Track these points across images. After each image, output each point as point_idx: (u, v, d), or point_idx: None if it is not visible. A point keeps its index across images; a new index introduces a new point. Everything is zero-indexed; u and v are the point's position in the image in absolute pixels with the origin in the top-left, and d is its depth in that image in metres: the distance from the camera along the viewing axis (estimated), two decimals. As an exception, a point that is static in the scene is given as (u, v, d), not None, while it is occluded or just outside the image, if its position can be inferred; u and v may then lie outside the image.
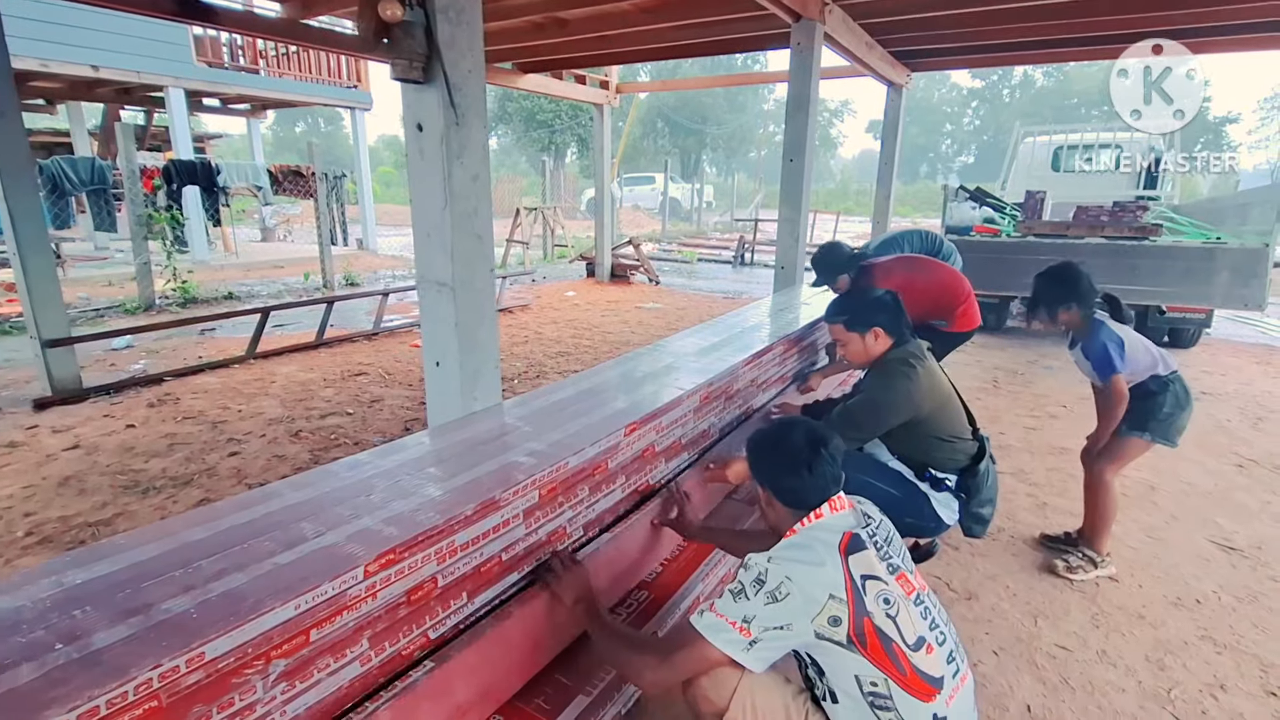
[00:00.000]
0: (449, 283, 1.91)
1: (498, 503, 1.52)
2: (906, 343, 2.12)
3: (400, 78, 1.73)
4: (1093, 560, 2.46)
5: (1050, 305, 2.48)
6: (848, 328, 2.14)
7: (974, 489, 2.08)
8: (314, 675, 1.16)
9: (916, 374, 2.02)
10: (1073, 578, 2.41)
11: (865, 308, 2.12)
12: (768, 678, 1.29)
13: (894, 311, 2.13)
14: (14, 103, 3.79)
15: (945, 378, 2.15)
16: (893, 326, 2.11)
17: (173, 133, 9.31)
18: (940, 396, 2.07)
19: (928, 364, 2.09)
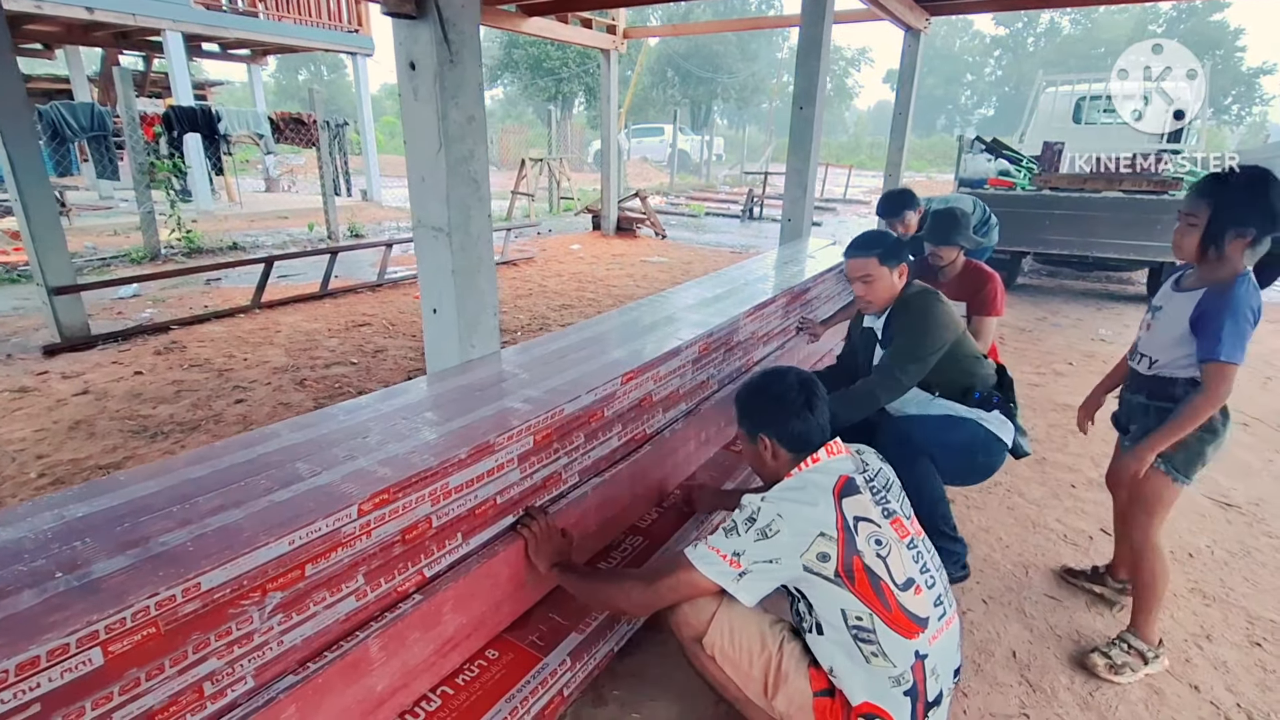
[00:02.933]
0: (444, 228, 1.88)
1: (492, 447, 1.53)
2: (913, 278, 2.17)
3: (391, 12, 1.67)
4: (1142, 654, 1.82)
5: (1239, 222, 1.56)
6: (881, 261, 2.07)
7: (1014, 401, 2.15)
8: (310, 608, 1.19)
9: (941, 298, 2.08)
10: (1118, 680, 1.79)
11: (896, 244, 2.10)
12: (745, 606, 1.31)
13: (899, 249, 2.14)
14: (8, 45, 3.71)
15: None
16: (910, 265, 2.15)
17: (172, 79, 9.12)
18: (957, 322, 2.12)
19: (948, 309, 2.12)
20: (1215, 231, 1.59)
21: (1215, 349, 1.56)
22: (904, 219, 3.43)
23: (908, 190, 3.53)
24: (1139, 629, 1.85)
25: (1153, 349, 1.76)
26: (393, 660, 1.32)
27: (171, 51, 8.87)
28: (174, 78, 9.08)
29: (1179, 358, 1.68)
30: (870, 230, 2.20)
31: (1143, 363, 1.79)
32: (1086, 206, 5.09)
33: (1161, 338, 1.73)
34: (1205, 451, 1.70)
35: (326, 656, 1.21)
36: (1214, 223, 1.59)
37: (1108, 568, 2.16)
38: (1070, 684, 1.78)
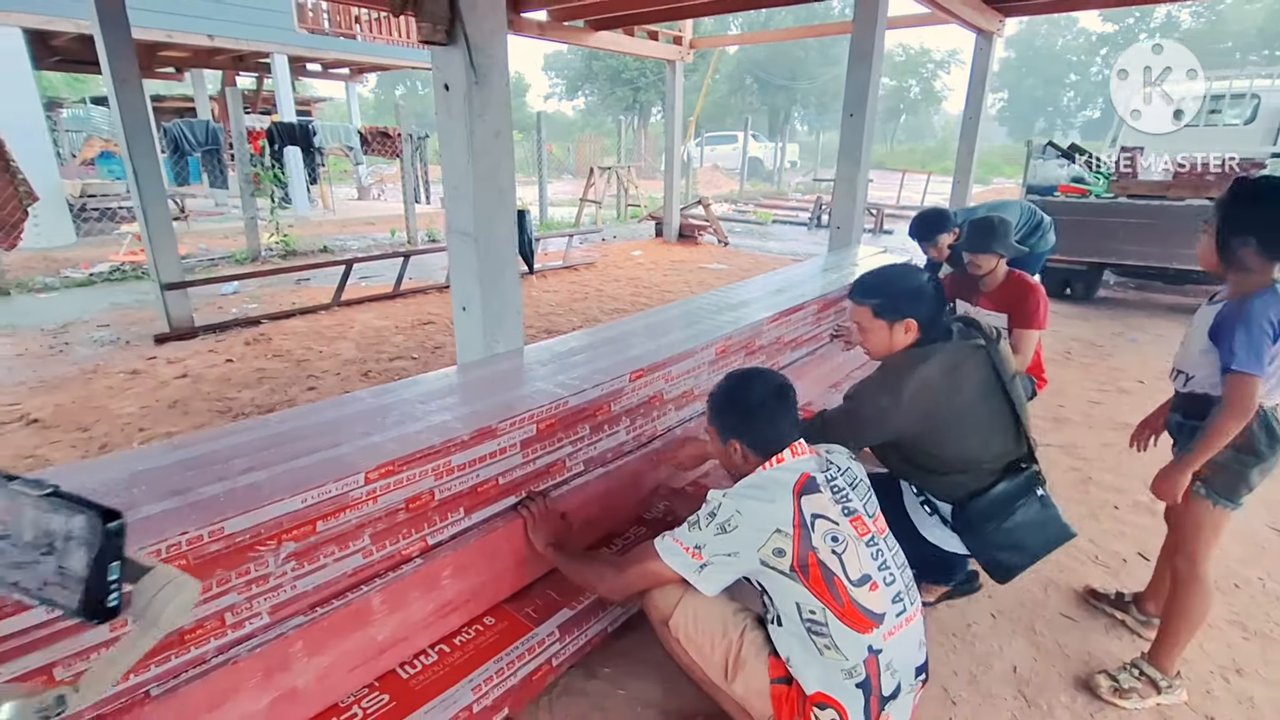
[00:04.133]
0: (472, 233, 2.06)
1: (494, 431, 1.68)
2: (935, 340, 1.73)
3: (426, 40, 1.86)
4: (1154, 683, 1.72)
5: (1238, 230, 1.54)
6: (877, 313, 1.74)
7: (972, 522, 1.72)
8: (320, 560, 1.37)
9: (912, 384, 1.66)
10: (1121, 704, 1.71)
11: (906, 294, 1.72)
12: (712, 596, 1.39)
13: (935, 303, 1.74)
14: (135, 73, 4.25)
15: (987, 387, 1.75)
16: (928, 321, 1.72)
17: (277, 96, 10.03)
18: (950, 413, 1.69)
19: (950, 373, 1.70)
20: (1220, 239, 1.55)
21: (1229, 359, 1.52)
22: (936, 242, 3.36)
23: (943, 211, 3.45)
24: (1157, 659, 1.75)
25: (1185, 364, 1.70)
26: (394, 615, 1.49)
27: (277, 72, 9.75)
28: (279, 96, 9.98)
29: (1210, 374, 1.62)
30: (884, 268, 1.83)
31: (1179, 379, 1.73)
32: (1166, 215, 4.75)
33: (1190, 350, 1.69)
34: (1249, 474, 1.59)
35: (333, 604, 1.39)
36: (1219, 230, 1.56)
37: (1135, 597, 2.05)
38: (1071, 703, 1.74)
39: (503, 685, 1.54)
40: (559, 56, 39.27)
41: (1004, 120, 46.38)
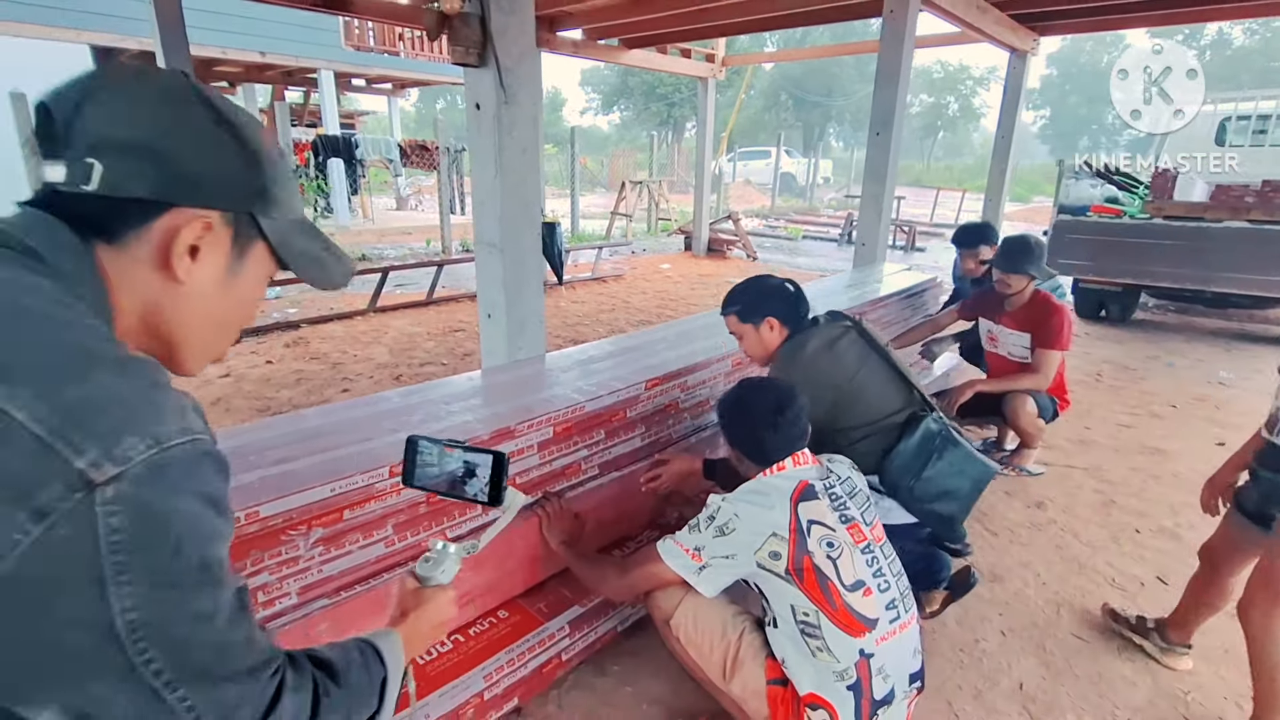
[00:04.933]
0: (498, 244, 2.17)
1: (512, 432, 1.77)
2: (803, 330, 1.92)
3: (459, 62, 1.99)
4: None
5: None
6: (740, 319, 1.95)
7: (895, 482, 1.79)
8: (346, 546, 1.47)
9: (800, 367, 1.83)
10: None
11: (758, 295, 1.94)
12: (712, 598, 1.44)
13: (790, 298, 1.93)
14: (192, 87, 4.52)
15: (863, 351, 1.93)
16: (789, 314, 1.91)
17: (323, 110, 10.45)
18: (842, 380, 1.85)
19: (828, 349, 1.88)
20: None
21: None
22: (977, 251, 3.41)
23: (988, 224, 3.51)
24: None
25: None
26: (412, 603, 1.58)
27: (324, 87, 10.17)
28: (324, 109, 10.40)
29: None
30: (745, 280, 2.02)
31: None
32: (1203, 237, 4.65)
33: None
34: None
35: (356, 589, 1.48)
36: None
37: (1158, 623, 1.98)
38: (1076, 722, 1.74)
39: (513, 675, 1.62)
40: (595, 72, 39.93)
41: (1045, 138, 45.56)
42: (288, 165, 0.64)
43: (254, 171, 0.59)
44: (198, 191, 0.55)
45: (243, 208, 0.59)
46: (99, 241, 0.53)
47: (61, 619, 0.42)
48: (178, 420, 0.47)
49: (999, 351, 3.15)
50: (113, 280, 0.54)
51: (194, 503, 0.47)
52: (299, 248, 0.65)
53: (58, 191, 0.51)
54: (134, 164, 0.52)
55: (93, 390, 0.44)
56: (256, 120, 0.62)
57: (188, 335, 0.60)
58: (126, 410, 0.45)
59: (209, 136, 0.56)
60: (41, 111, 0.53)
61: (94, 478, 0.42)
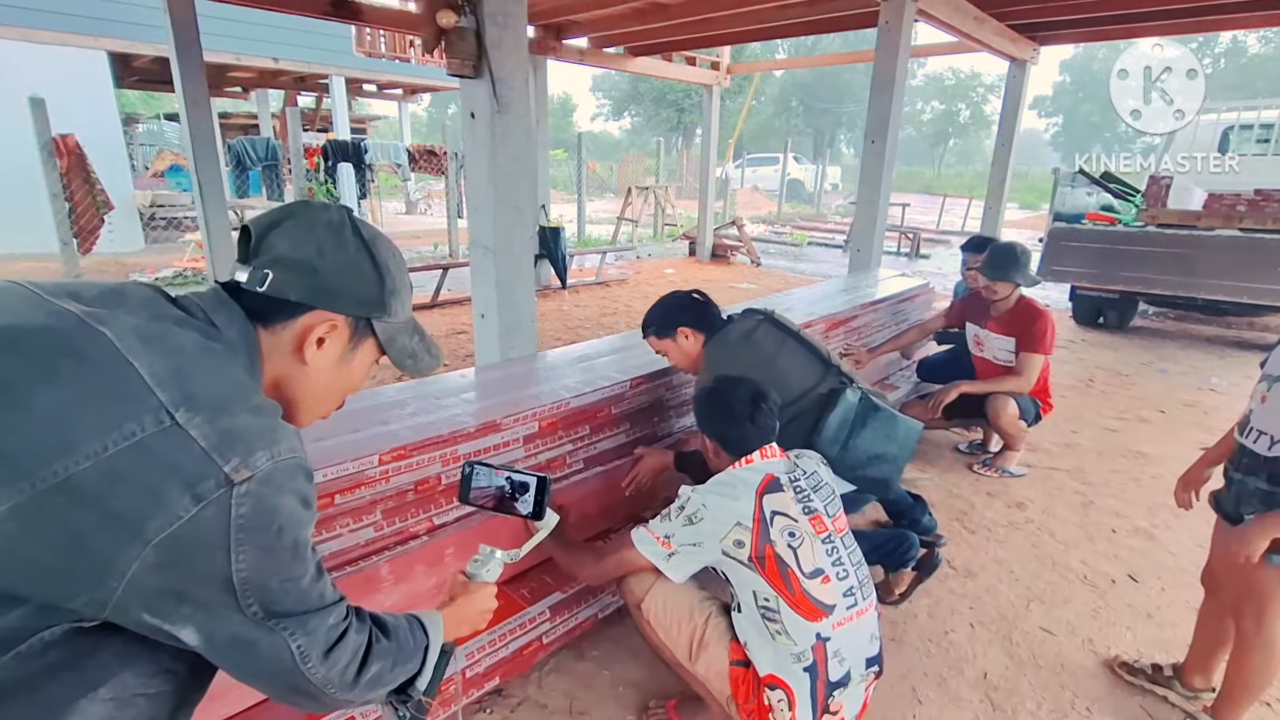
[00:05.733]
0: (491, 246, 2.27)
1: (499, 425, 1.87)
2: (719, 329, 2.03)
3: (455, 74, 2.10)
4: None
5: None
6: (657, 336, 2.06)
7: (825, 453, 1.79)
8: (336, 529, 1.57)
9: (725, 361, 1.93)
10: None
11: (666, 310, 2.07)
12: (680, 583, 1.53)
13: (696, 305, 2.05)
14: (204, 93, 4.68)
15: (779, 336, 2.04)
16: (698, 320, 2.03)
17: (334, 115, 10.64)
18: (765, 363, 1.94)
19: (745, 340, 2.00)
20: None
21: None
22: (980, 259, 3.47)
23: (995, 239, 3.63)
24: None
25: (1270, 425, 1.50)
26: (400, 584, 1.67)
27: (335, 92, 10.37)
28: (335, 114, 10.59)
29: None
30: (654, 304, 2.13)
31: (1261, 441, 1.51)
32: (1195, 245, 4.69)
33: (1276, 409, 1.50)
34: None
35: (346, 570, 1.58)
36: None
37: (1175, 669, 1.87)
38: (1036, 710, 1.81)
39: (495, 655, 1.71)
40: (606, 78, 40.17)
41: (1057, 145, 45.28)
42: (406, 279, 0.86)
43: (378, 288, 0.81)
44: (333, 299, 0.77)
45: (364, 314, 0.81)
46: (259, 325, 0.76)
47: (199, 570, 0.61)
48: (287, 443, 0.67)
49: (985, 355, 3.22)
50: (264, 353, 0.76)
51: (292, 499, 0.66)
52: (400, 344, 0.86)
53: (240, 285, 0.75)
54: (294, 276, 0.75)
55: (240, 422, 0.63)
56: (390, 245, 0.84)
57: (304, 400, 0.82)
58: (257, 436, 0.64)
59: (352, 260, 0.78)
60: (244, 231, 0.78)
61: (234, 478, 0.61)
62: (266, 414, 0.68)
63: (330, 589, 0.75)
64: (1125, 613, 2.20)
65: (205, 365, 0.66)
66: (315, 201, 0.82)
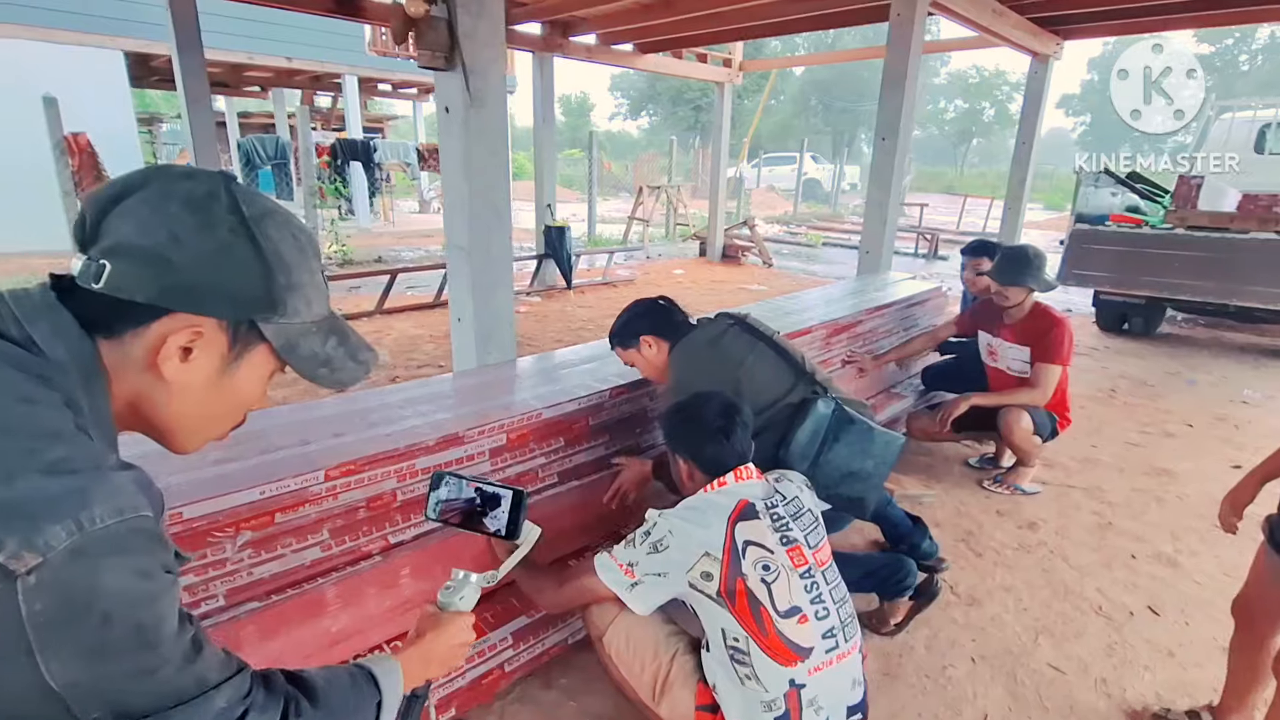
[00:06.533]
0: (466, 247, 2.16)
1: (460, 438, 1.75)
2: (682, 336, 1.93)
3: (426, 66, 1.99)
4: None
5: None
6: (622, 347, 1.98)
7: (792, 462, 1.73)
8: (278, 550, 1.46)
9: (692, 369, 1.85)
10: None
11: (627, 319, 1.98)
12: (646, 615, 1.40)
13: (659, 311, 1.97)
14: (206, 92, 4.64)
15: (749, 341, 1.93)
16: (661, 327, 1.94)
17: (346, 114, 10.65)
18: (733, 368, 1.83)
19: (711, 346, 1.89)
20: None
21: None
22: (980, 263, 3.38)
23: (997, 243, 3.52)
24: None
25: None
26: (350, 608, 1.57)
27: (347, 91, 10.38)
28: (347, 113, 10.60)
29: None
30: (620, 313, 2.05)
31: None
32: (1228, 248, 4.44)
33: None
34: None
35: (290, 593, 1.48)
36: None
37: (1212, 710, 1.71)
38: (1041, 759, 1.65)
39: (450, 685, 1.59)
40: (624, 78, 40.06)
41: (1085, 144, 44.26)
42: (312, 267, 0.66)
43: (264, 282, 0.61)
44: (195, 300, 0.59)
45: (242, 316, 0.62)
46: (99, 334, 0.58)
47: (5, 679, 0.47)
48: (107, 502, 0.50)
49: (998, 366, 3.05)
50: (110, 371, 0.59)
51: (121, 576, 0.50)
52: (307, 351, 0.68)
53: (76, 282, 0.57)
54: (139, 269, 0.56)
55: (20, 490, 0.47)
56: (291, 224, 0.65)
57: (176, 425, 0.66)
58: (50, 504, 0.48)
59: (222, 245, 0.59)
60: (81, 210, 0.59)
61: (14, 568, 0.45)
62: (74, 468, 0.51)
63: (215, 666, 0.59)
64: (1144, 649, 2.03)
65: None
66: (176, 168, 0.62)
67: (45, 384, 0.54)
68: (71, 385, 0.56)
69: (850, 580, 1.64)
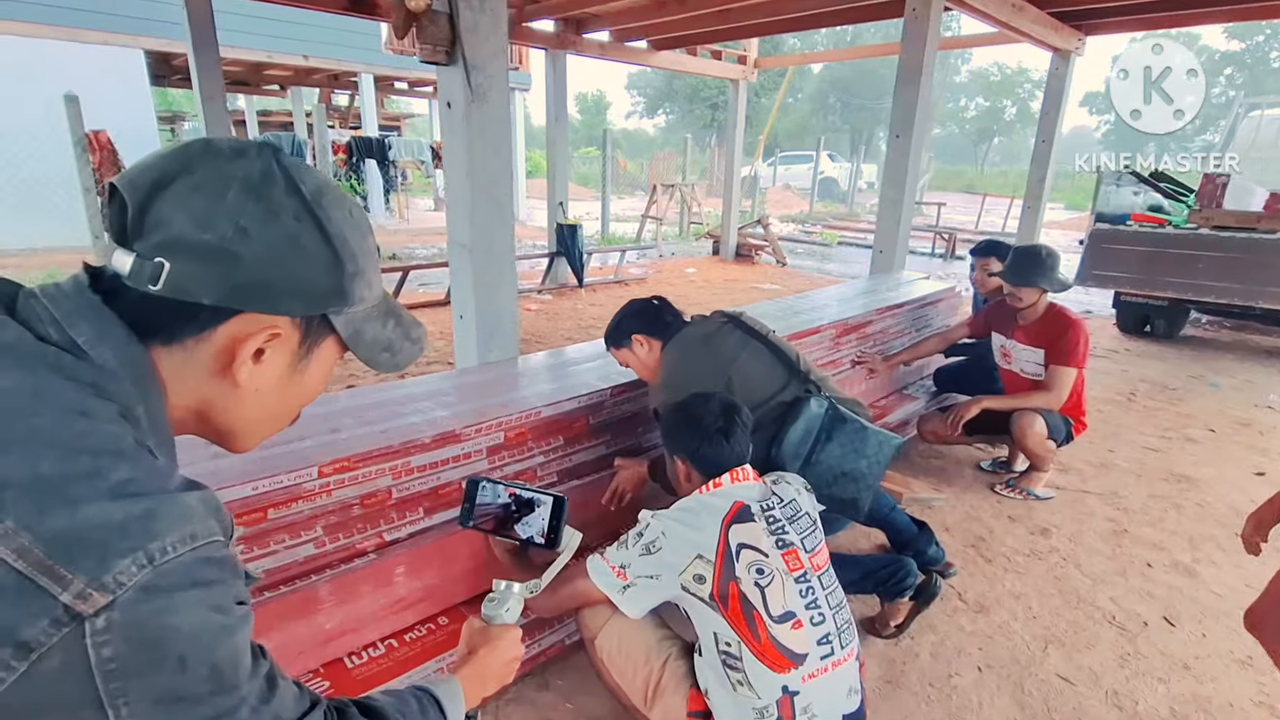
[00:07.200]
0: (468, 245, 2.15)
1: (458, 436, 1.74)
2: (674, 334, 1.89)
3: (427, 60, 1.97)
4: None
5: None
6: (616, 348, 1.96)
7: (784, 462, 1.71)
8: (270, 546, 1.46)
9: (684, 369, 1.82)
10: None
11: (619, 320, 1.96)
12: (639, 619, 1.38)
13: (649, 310, 1.94)
14: (221, 90, 4.69)
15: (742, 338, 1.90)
16: (652, 326, 1.91)
17: (363, 112, 10.74)
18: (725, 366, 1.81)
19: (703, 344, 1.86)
20: None
21: None
22: (989, 264, 3.34)
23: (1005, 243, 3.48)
24: None
25: None
26: (344, 606, 1.56)
27: (364, 90, 10.45)
28: (364, 111, 10.69)
29: None
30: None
31: None
32: (1255, 249, 4.32)
33: None
34: None
35: (282, 589, 1.47)
36: None
37: None
38: (1047, 773, 1.60)
39: (444, 685, 1.58)
40: (641, 76, 40.02)
41: (1109, 144, 43.42)
42: (370, 245, 0.61)
43: (335, 271, 0.56)
44: (269, 299, 0.53)
45: (316, 310, 0.57)
46: (157, 341, 0.52)
47: None
48: (177, 529, 0.45)
49: (1012, 368, 2.99)
50: (166, 378, 0.53)
51: (196, 613, 0.45)
52: (370, 337, 0.63)
53: (121, 279, 0.50)
54: (204, 268, 0.50)
55: (85, 516, 0.42)
56: (345, 199, 0.59)
57: (242, 428, 0.61)
58: (119, 532, 0.42)
59: (289, 236, 0.53)
60: (112, 191, 0.51)
61: (82, 610, 0.40)
62: (139, 490, 0.45)
63: (290, 703, 0.55)
64: (1158, 661, 1.97)
65: (26, 426, 0.43)
66: (220, 143, 0.54)
67: (99, 394, 0.48)
68: (126, 394, 0.50)
69: (849, 582, 1.62)
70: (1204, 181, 4.84)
